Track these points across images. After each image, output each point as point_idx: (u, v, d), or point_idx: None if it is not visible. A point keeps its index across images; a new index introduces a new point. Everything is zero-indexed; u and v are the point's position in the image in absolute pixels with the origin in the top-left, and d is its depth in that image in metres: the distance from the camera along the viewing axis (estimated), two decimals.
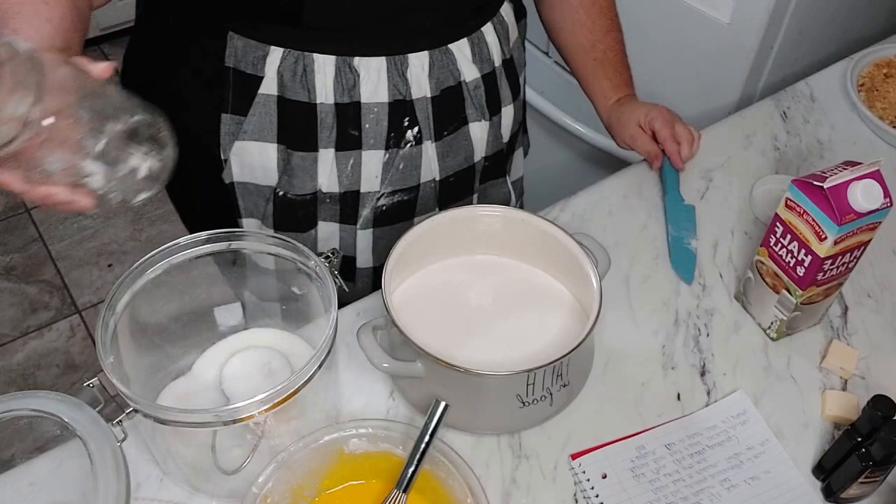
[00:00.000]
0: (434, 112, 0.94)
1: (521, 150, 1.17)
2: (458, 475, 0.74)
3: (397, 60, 0.90)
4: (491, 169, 1.06)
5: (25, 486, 0.78)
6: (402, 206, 0.99)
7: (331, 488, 0.78)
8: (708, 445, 0.85)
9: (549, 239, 0.89)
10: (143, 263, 0.78)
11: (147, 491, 0.79)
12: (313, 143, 0.92)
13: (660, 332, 0.95)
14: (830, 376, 0.92)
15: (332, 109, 0.91)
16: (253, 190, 0.97)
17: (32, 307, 2.14)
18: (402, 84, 0.91)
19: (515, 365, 0.78)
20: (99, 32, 2.82)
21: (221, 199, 0.98)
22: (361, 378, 0.88)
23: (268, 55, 0.88)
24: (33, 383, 1.97)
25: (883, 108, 1.23)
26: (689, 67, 1.38)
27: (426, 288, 0.91)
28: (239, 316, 0.88)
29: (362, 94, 0.90)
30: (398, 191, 0.98)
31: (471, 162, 1.02)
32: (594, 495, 0.80)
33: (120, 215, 2.37)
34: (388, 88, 0.91)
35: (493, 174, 1.07)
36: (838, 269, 0.87)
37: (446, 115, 0.96)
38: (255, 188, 0.96)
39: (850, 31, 1.38)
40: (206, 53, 0.90)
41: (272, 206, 0.97)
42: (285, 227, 0.98)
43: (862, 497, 0.81)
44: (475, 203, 1.07)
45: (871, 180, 0.81)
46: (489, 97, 0.99)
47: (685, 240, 1.02)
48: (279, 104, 0.90)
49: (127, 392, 0.68)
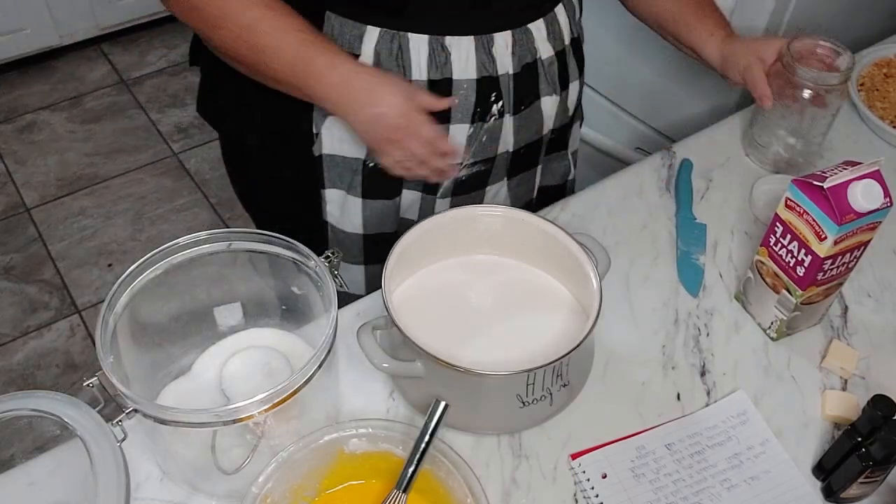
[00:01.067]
0: (515, 87, 0.99)
1: (578, 123, 1.20)
2: (458, 475, 0.74)
3: (485, 40, 0.94)
4: (555, 141, 1.11)
5: (25, 485, 0.78)
6: (478, 176, 1.04)
7: (331, 488, 0.78)
8: (708, 445, 0.85)
9: (549, 239, 0.89)
10: (143, 263, 0.78)
11: (147, 491, 0.79)
12: None
13: (660, 332, 0.95)
14: (830, 376, 0.92)
15: (425, 85, 0.94)
16: (340, 162, 1.00)
17: (32, 307, 2.14)
18: (489, 61, 0.95)
19: (515, 365, 0.78)
20: (99, 32, 2.82)
21: (305, 173, 1.02)
22: (361, 378, 0.88)
23: (364, 34, 0.91)
24: (33, 383, 1.97)
25: (883, 108, 1.23)
26: (689, 67, 1.38)
27: (426, 288, 0.91)
28: (239, 316, 0.88)
29: (454, 70, 0.94)
30: (478, 161, 1.02)
31: (540, 134, 1.06)
32: (594, 495, 0.80)
33: (120, 215, 2.37)
34: (477, 66, 0.95)
35: (556, 146, 1.13)
36: (838, 269, 0.87)
37: (525, 90, 1.00)
38: (342, 160, 1.00)
39: (850, 31, 1.38)
40: None
41: (360, 176, 1.01)
42: (373, 195, 1.03)
43: (862, 497, 0.81)
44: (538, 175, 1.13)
45: (871, 180, 0.81)
46: (560, 73, 1.04)
47: (693, 255, 1.03)
48: None
49: (127, 392, 0.68)
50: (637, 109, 1.53)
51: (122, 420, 0.69)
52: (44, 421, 0.70)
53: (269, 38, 0.87)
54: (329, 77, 0.87)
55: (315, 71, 0.87)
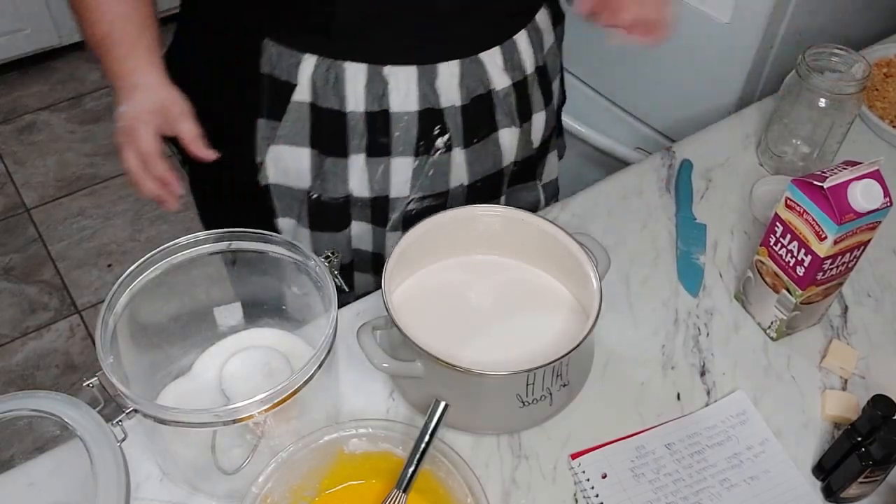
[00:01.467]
0: (464, 120, 0.95)
1: (555, 153, 1.16)
2: (458, 475, 0.74)
3: (427, 70, 0.91)
4: (520, 173, 1.06)
5: (25, 486, 0.78)
6: (430, 210, 1.00)
7: (331, 488, 0.78)
8: (708, 445, 0.85)
9: (549, 239, 0.89)
10: (143, 263, 0.78)
11: (147, 491, 0.79)
12: (344, 149, 0.94)
13: (659, 331, 0.95)
14: (830, 376, 0.92)
15: (363, 118, 0.92)
16: (287, 192, 0.98)
17: (32, 307, 2.14)
18: (432, 93, 0.92)
19: (515, 365, 0.78)
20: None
21: (258, 201, 1.00)
22: (361, 378, 0.88)
23: (301, 63, 0.89)
24: (33, 383, 1.97)
25: (883, 108, 1.23)
26: (689, 67, 1.38)
27: (426, 288, 0.91)
28: (239, 316, 0.88)
29: (392, 103, 0.91)
30: (428, 196, 0.99)
31: (499, 167, 1.02)
32: (594, 495, 0.80)
33: (119, 215, 2.37)
34: (419, 97, 0.92)
35: (523, 178, 1.08)
36: (838, 269, 0.87)
37: (476, 122, 0.96)
38: (288, 190, 0.98)
39: (850, 31, 1.38)
40: (243, 60, 0.92)
41: (307, 207, 0.99)
42: (320, 228, 1.00)
43: (862, 497, 0.81)
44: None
45: (871, 180, 0.81)
46: (520, 104, 0.99)
47: (693, 255, 1.03)
48: (312, 111, 0.92)
49: (127, 392, 0.68)
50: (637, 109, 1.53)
51: (122, 420, 0.69)
52: (44, 421, 0.70)
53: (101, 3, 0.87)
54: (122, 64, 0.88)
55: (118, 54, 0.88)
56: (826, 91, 1.03)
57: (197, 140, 0.90)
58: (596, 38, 1.13)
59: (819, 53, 1.06)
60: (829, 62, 1.06)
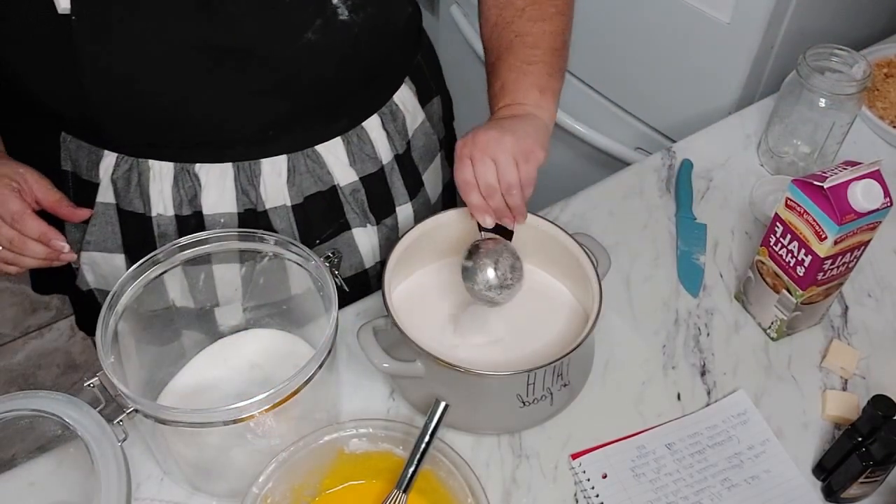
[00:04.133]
0: (298, 221, 0.85)
1: None
2: (458, 475, 0.74)
3: (245, 167, 0.81)
4: None
5: (26, 485, 0.78)
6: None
7: (331, 488, 0.78)
8: (708, 445, 0.85)
9: (549, 239, 0.89)
10: (144, 263, 0.78)
11: (148, 491, 0.79)
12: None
13: (660, 331, 0.95)
14: (831, 376, 0.92)
15: (173, 221, 0.83)
16: None
17: (33, 307, 2.14)
18: (253, 192, 0.82)
19: (515, 365, 0.78)
20: None
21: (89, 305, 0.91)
22: (361, 378, 0.88)
23: (101, 160, 0.81)
24: (34, 383, 1.98)
25: (883, 108, 1.23)
26: (689, 67, 1.38)
27: (426, 288, 0.91)
28: (239, 316, 0.88)
29: (204, 204, 0.82)
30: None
31: (360, 269, 0.93)
32: (594, 495, 0.80)
33: None
34: (237, 198, 0.82)
35: None
36: (838, 269, 0.87)
37: (316, 222, 0.86)
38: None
39: (850, 31, 1.38)
40: (44, 155, 0.83)
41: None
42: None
43: (862, 497, 0.81)
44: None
45: (871, 180, 0.81)
46: (374, 201, 0.89)
47: (693, 255, 1.03)
48: (118, 213, 0.84)
49: (127, 392, 0.68)
50: (637, 109, 1.53)
51: (122, 420, 0.69)
52: (45, 421, 0.70)
53: None
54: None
55: None
56: (826, 91, 1.03)
57: (62, 201, 0.80)
58: (596, 38, 1.14)
59: (819, 53, 1.06)
60: (829, 62, 1.06)
